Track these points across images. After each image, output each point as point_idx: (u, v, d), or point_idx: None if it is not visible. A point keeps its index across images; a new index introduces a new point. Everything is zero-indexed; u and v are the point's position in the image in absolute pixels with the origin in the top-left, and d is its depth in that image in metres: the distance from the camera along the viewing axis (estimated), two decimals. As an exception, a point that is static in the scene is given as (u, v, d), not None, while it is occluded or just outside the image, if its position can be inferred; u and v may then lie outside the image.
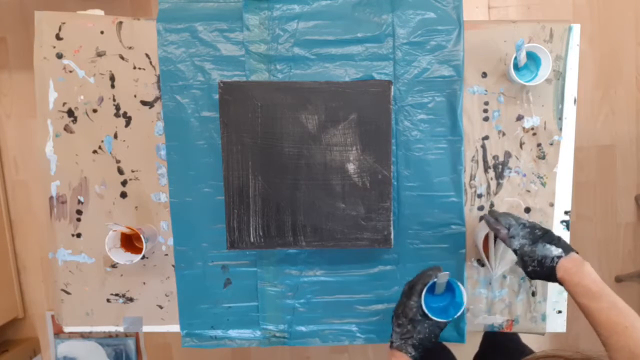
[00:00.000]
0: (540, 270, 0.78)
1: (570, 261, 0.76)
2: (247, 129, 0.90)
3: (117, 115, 0.98)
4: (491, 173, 0.98)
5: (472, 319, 1.00)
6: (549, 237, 0.79)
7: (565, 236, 0.99)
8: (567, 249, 0.78)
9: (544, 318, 1.00)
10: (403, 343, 0.81)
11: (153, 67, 0.97)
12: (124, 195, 1.00)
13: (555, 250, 0.77)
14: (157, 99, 0.98)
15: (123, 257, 0.94)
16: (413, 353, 0.80)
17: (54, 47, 0.97)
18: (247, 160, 0.91)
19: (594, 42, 1.78)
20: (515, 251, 0.81)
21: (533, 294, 1.00)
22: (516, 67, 0.94)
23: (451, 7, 0.95)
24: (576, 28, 0.96)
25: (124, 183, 1.00)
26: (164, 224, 1.00)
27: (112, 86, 0.98)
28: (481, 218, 0.98)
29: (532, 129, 0.97)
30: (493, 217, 0.85)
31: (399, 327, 0.81)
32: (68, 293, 1.03)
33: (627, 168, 1.83)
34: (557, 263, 0.76)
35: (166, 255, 1.01)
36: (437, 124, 0.96)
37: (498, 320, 1.01)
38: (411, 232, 0.98)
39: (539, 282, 0.99)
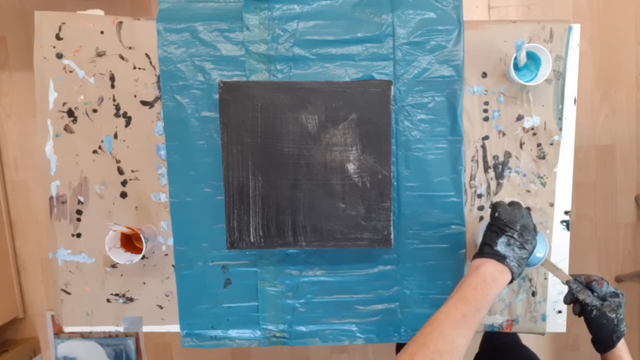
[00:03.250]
0: (615, 324, 0.80)
1: (623, 342, 0.81)
2: (247, 129, 0.90)
3: (117, 115, 0.98)
4: (491, 173, 0.98)
5: (472, 319, 1.00)
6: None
7: (565, 236, 0.99)
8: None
9: (544, 318, 1.00)
10: (517, 266, 0.75)
11: (153, 67, 0.97)
12: (124, 195, 1.00)
13: (623, 325, 0.81)
14: (157, 99, 0.98)
15: (123, 257, 0.94)
16: (514, 281, 0.77)
17: (54, 47, 0.97)
18: (247, 160, 0.91)
19: (594, 42, 1.78)
20: (612, 293, 0.82)
21: (533, 294, 1.00)
22: (516, 67, 0.94)
23: (451, 7, 0.95)
24: (576, 28, 0.96)
25: (124, 183, 1.00)
26: (164, 224, 1.00)
27: (112, 86, 0.98)
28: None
29: (532, 129, 0.97)
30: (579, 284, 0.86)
31: (521, 249, 0.76)
32: (68, 293, 1.03)
33: (627, 168, 1.83)
34: (619, 341, 0.81)
35: (166, 255, 1.01)
36: (437, 124, 0.96)
37: (498, 320, 1.01)
38: (411, 232, 0.98)
39: (538, 282, 0.99)
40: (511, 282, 0.76)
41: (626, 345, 0.82)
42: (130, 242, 0.98)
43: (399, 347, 1.30)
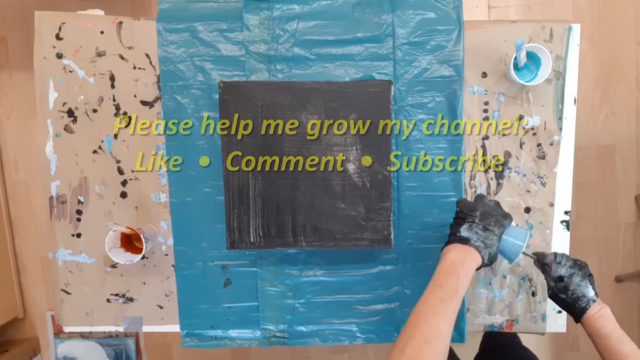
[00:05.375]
0: (570, 303, 0.83)
1: (597, 305, 0.82)
2: (247, 129, 0.90)
3: (117, 115, 0.98)
4: (491, 173, 0.98)
5: (472, 319, 1.00)
6: (592, 278, 0.84)
7: (565, 236, 0.99)
8: (597, 292, 0.84)
9: (544, 318, 1.00)
10: (483, 247, 0.77)
11: (153, 67, 0.97)
12: (124, 195, 1.00)
13: (592, 293, 0.82)
14: (157, 99, 0.98)
15: (123, 257, 0.94)
16: (485, 261, 0.77)
17: (54, 47, 0.97)
18: (247, 161, 0.90)
19: (594, 42, 1.78)
20: (558, 278, 0.84)
21: (533, 294, 1.00)
22: (516, 67, 0.94)
23: (451, 7, 0.95)
24: (576, 28, 0.96)
25: (124, 183, 1.00)
26: (164, 224, 1.00)
27: (112, 86, 0.98)
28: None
29: (532, 129, 0.97)
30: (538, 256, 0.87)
31: (485, 231, 0.78)
32: (68, 293, 1.03)
33: (627, 168, 1.83)
34: (590, 305, 0.82)
35: (166, 255, 1.01)
36: (437, 124, 0.96)
37: (498, 320, 1.01)
38: (411, 232, 0.98)
39: (538, 282, 0.99)
40: (484, 264, 0.78)
41: (604, 310, 0.81)
42: (130, 242, 0.98)
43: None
